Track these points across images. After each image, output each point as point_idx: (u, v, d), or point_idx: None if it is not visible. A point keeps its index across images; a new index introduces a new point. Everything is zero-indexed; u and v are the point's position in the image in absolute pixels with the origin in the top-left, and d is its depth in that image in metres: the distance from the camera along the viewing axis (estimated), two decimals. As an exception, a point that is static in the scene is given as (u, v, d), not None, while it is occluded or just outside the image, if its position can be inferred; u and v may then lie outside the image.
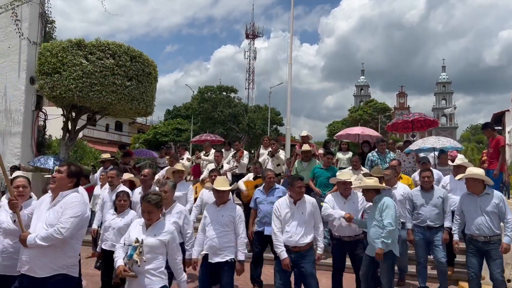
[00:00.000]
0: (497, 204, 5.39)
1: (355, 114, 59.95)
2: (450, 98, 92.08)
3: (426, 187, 6.26)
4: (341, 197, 5.72)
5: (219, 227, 4.91)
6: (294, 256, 4.96)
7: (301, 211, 5.04)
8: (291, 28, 17.13)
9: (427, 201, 6.19)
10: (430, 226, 6.14)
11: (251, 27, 76.39)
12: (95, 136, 39.20)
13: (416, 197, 6.33)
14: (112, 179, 6.62)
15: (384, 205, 5.22)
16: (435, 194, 6.21)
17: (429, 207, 6.16)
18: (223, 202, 5.06)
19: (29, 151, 11.40)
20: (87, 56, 10.95)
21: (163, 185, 5.20)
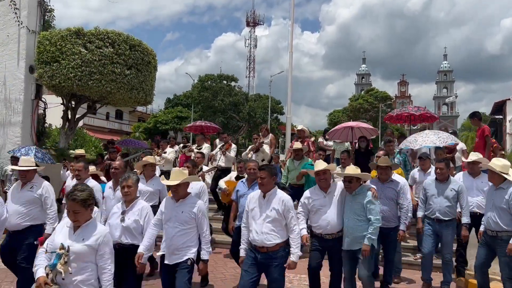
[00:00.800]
0: (507, 200, 5.06)
1: (356, 103, 59.80)
2: (452, 87, 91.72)
3: (439, 178, 5.99)
4: (320, 190, 5.10)
5: (179, 225, 4.35)
6: (261, 257, 4.38)
7: (270, 207, 4.43)
8: (292, 16, 17.02)
9: (439, 192, 5.93)
10: (439, 218, 5.87)
11: (251, 15, 76.11)
12: (96, 124, 39.20)
13: (428, 187, 6.09)
14: (79, 172, 5.98)
15: (367, 199, 4.85)
16: (449, 186, 5.90)
17: (440, 198, 5.89)
18: (180, 197, 4.47)
19: (29, 140, 11.41)
20: (86, 44, 10.93)
21: (126, 179, 4.61)
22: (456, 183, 5.99)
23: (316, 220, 5.02)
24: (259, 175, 4.51)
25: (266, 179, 4.45)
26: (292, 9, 17.00)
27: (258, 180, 4.50)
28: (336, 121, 58.10)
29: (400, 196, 5.80)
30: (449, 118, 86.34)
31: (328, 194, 5.05)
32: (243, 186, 6.13)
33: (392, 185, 5.89)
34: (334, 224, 4.94)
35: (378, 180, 5.93)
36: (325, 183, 5.05)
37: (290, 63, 16.51)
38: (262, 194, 4.53)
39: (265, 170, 4.49)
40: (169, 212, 4.44)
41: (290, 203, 4.44)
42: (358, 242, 4.82)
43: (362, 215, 4.84)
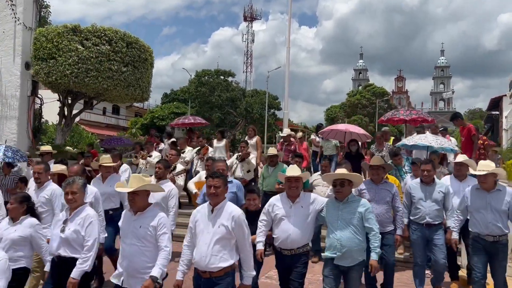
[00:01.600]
0: (508, 201, 4.85)
1: (353, 98, 59.84)
2: (449, 82, 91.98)
3: (426, 181, 5.59)
4: (287, 199, 4.49)
5: (137, 242, 3.73)
6: (203, 284, 3.72)
7: (218, 223, 3.73)
8: (289, 10, 17.01)
9: (427, 195, 5.53)
10: (429, 223, 5.47)
11: (249, 9, 75.79)
12: (92, 119, 39.10)
13: (414, 190, 5.65)
14: (39, 175, 5.35)
15: (365, 208, 4.33)
16: (436, 188, 5.53)
17: (428, 202, 5.50)
18: (138, 208, 3.83)
19: (25, 137, 11.40)
20: (82, 41, 10.91)
21: (70, 184, 4.04)
22: (442, 184, 5.66)
23: (276, 231, 4.47)
24: (213, 183, 3.76)
25: (221, 188, 3.79)
26: (289, 3, 16.98)
27: (211, 190, 3.75)
28: (333, 116, 58.21)
29: (395, 199, 5.44)
30: (446, 114, 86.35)
31: (295, 204, 4.45)
32: None
33: (387, 187, 5.53)
34: (295, 238, 4.34)
35: (371, 181, 5.56)
36: (295, 192, 4.46)
37: (288, 58, 16.51)
38: (210, 207, 3.83)
39: (220, 177, 3.82)
40: (125, 227, 3.86)
41: (242, 218, 3.77)
42: (351, 257, 4.25)
43: (359, 226, 4.28)
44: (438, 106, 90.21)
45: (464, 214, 5.19)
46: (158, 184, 5.35)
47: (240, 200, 5.53)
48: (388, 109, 61.91)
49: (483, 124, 44.09)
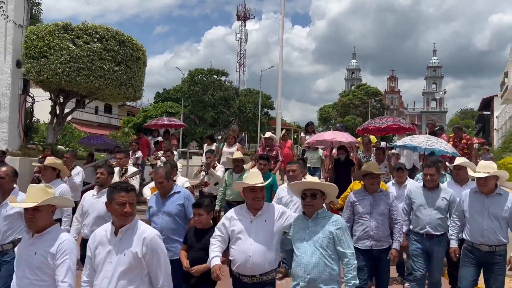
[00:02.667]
0: (509, 208, 4.41)
1: (346, 98, 60.05)
2: (441, 82, 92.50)
3: (429, 186, 5.05)
4: (247, 212, 3.70)
5: (29, 274, 2.91)
6: None
7: (123, 249, 2.92)
8: (282, 10, 16.98)
9: (428, 201, 4.98)
10: (430, 233, 4.91)
11: (242, 9, 75.81)
12: (84, 118, 38.89)
13: (415, 195, 5.11)
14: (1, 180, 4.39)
15: (337, 226, 3.46)
16: (440, 195, 4.99)
17: (430, 209, 4.95)
18: (38, 228, 2.98)
19: (16, 136, 11.29)
20: (74, 40, 10.81)
21: None
22: (447, 191, 5.09)
23: (233, 252, 3.63)
24: (122, 199, 2.89)
25: (134, 205, 2.97)
26: (283, 3, 16.96)
27: (127, 208, 2.90)
28: (326, 116, 58.35)
29: (393, 210, 4.78)
30: (438, 114, 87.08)
31: (257, 217, 3.66)
32: (156, 201, 4.71)
33: (383, 197, 4.82)
34: (257, 261, 3.51)
35: (365, 191, 4.86)
36: (258, 204, 3.67)
37: (281, 58, 16.48)
38: (113, 228, 2.97)
39: (133, 190, 3.04)
40: (20, 253, 3.03)
41: (156, 241, 2.95)
42: (318, 287, 3.38)
43: (329, 249, 3.42)
44: (430, 106, 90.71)
45: (461, 219, 4.71)
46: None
47: (189, 214, 4.63)
48: (381, 109, 62.28)
49: (474, 124, 44.42)
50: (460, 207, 4.72)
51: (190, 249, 4.12)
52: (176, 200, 4.64)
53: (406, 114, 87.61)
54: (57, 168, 5.57)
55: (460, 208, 4.72)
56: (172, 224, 4.55)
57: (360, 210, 4.73)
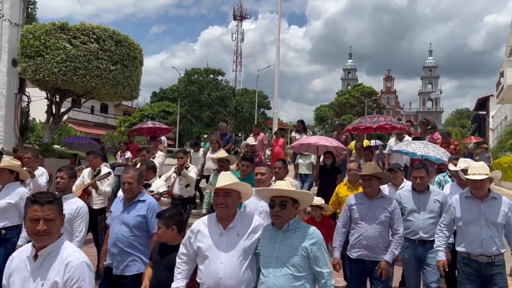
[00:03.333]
0: (506, 213, 4.01)
1: (342, 98, 60.14)
2: (437, 82, 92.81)
3: (419, 189, 4.73)
4: (217, 223, 3.07)
5: None
6: None
7: (40, 278, 2.38)
8: (279, 10, 17.00)
9: (420, 205, 4.67)
10: (422, 239, 4.58)
11: (238, 8, 75.77)
12: (80, 118, 38.75)
13: (405, 199, 4.76)
14: None
15: (312, 241, 2.86)
16: (431, 197, 4.68)
17: (422, 213, 4.63)
18: None
19: (12, 135, 11.25)
20: (71, 40, 10.79)
21: None
22: (438, 192, 4.84)
23: (200, 275, 3.01)
24: (35, 214, 2.32)
25: (55, 223, 2.37)
26: (279, 2, 16.97)
27: (40, 225, 2.31)
28: (323, 116, 58.42)
29: (394, 219, 4.22)
30: (434, 114, 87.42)
31: (228, 230, 3.03)
32: (117, 206, 4.14)
33: (383, 203, 4.28)
34: (230, 284, 2.89)
35: (364, 195, 4.38)
36: (221, 212, 3.05)
37: (277, 58, 16.50)
38: (33, 251, 2.38)
39: (53, 203, 2.38)
40: None
41: (83, 269, 2.34)
42: None
43: (301, 268, 2.84)
44: (426, 106, 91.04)
45: (450, 228, 4.27)
46: None
47: (151, 228, 3.96)
48: (377, 109, 62.39)
49: (470, 124, 44.60)
50: (450, 214, 4.21)
51: (155, 267, 3.52)
52: (137, 210, 3.98)
53: (402, 114, 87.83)
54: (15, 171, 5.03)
55: (451, 215, 4.20)
56: (130, 236, 3.90)
57: (356, 216, 4.29)
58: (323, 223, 5.63)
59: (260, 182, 4.45)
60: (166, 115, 42.68)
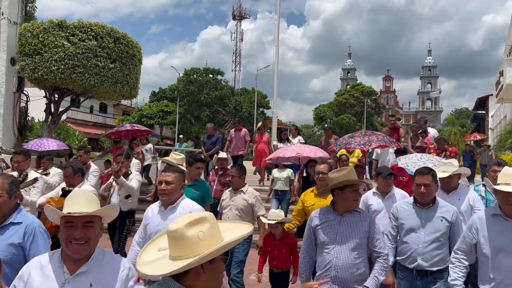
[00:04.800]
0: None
1: (341, 98, 60.06)
2: (436, 82, 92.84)
3: (423, 202, 3.60)
4: (60, 264, 2.14)
5: None
6: None
7: None
8: (278, 10, 16.97)
9: (422, 223, 3.54)
10: (422, 268, 3.46)
11: (238, 8, 75.69)
12: (79, 118, 38.64)
13: (404, 215, 3.66)
14: None
15: None
16: (437, 213, 3.53)
17: (424, 234, 3.51)
18: None
19: (10, 134, 11.21)
20: (69, 37, 10.75)
21: None
22: (448, 208, 3.59)
23: None
24: None
25: None
26: (278, 2, 16.95)
27: None
28: (322, 115, 58.35)
29: (375, 238, 3.25)
30: (433, 113, 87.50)
31: (76, 277, 2.14)
32: None
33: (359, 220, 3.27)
34: None
35: (333, 210, 3.33)
36: (84, 249, 2.09)
37: (277, 58, 16.48)
38: None
39: None
40: None
41: None
42: None
43: None
44: (425, 106, 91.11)
45: (470, 257, 3.20)
46: None
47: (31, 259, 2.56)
48: (376, 108, 62.39)
49: (469, 124, 44.60)
50: (471, 238, 3.14)
51: None
52: (9, 236, 2.66)
53: (401, 113, 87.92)
54: None
55: (472, 239, 3.14)
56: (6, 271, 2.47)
57: (322, 239, 3.23)
58: (285, 241, 4.54)
59: None
60: (165, 114, 42.62)
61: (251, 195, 4.92)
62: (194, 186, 5.13)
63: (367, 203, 4.83)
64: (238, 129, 10.75)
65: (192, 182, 5.20)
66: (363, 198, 4.84)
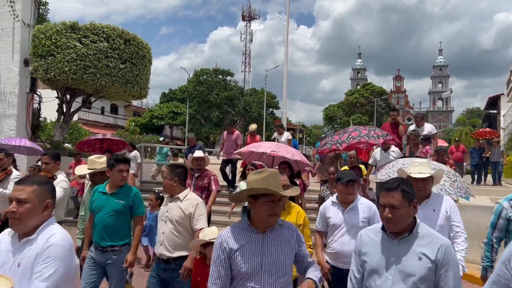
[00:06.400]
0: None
1: (352, 97, 59.94)
2: (447, 82, 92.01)
3: (391, 229, 2.54)
4: None
5: None
6: None
7: None
8: (287, 10, 17.06)
9: (390, 260, 2.51)
10: None
11: (247, 9, 75.74)
12: (91, 119, 39.10)
13: (367, 247, 2.66)
14: None
15: None
16: (414, 247, 2.41)
17: (392, 279, 2.47)
18: None
19: (24, 134, 11.43)
20: (81, 39, 10.98)
21: None
22: (432, 238, 2.44)
23: None
24: None
25: None
26: (287, 3, 17.04)
27: None
28: (332, 115, 58.27)
29: (301, 259, 2.56)
30: (444, 113, 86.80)
31: None
32: None
33: (284, 232, 2.51)
34: None
35: (250, 226, 2.44)
36: None
37: (286, 58, 16.58)
38: None
39: None
40: None
41: None
42: None
43: None
44: (436, 105, 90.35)
45: None
46: None
47: None
48: (387, 108, 62.09)
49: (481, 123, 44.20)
50: (508, 277, 2.03)
51: None
52: None
53: (412, 113, 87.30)
54: None
55: (510, 279, 2.02)
56: None
57: (241, 268, 2.37)
58: None
59: None
60: (175, 115, 43.00)
61: (190, 203, 3.70)
62: (119, 194, 4.03)
63: (325, 215, 3.92)
64: (230, 131, 10.09)
65: (116, 189, 4.06)
66: (321, 209, 4.03)
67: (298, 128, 45.64)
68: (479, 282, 6.48)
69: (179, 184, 3.82)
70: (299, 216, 3.70)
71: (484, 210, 7.65)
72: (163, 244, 3.68)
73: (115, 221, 3.92)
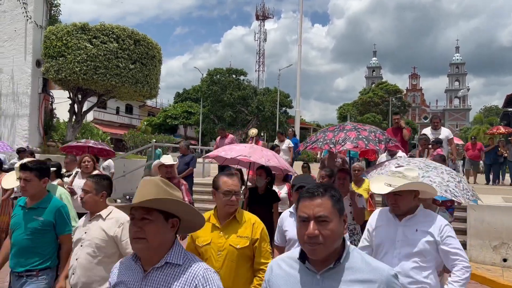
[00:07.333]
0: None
1: (366, 96, 59.42)
2: (464, 79, 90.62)
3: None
4: None
5: None
6: None
7: None
8: (301, 9, 17.00)
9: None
10: None
11: (261, 8, 75.78)
12: (106, 119, 39.57)
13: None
14: None
15: None
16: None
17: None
18: None
19: (36, 133, 11.61)
20: (91, 40, 11.08)
21: None
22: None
23: None
24: None
25: None
26: (301, 2, 16.97)
27: None
28: (346, 114, 57.86)
29: None
30: (461, 111, 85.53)
31: None
32: None
33: None
34: None
35: None
36: None
37: (299, 57, 16.54)
38: None
39: None
40: None
41: None
42: None
43: None
44: (453, 104, 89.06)
45: None
46: None
47: None
48: (402, 107, 61.39)
49: (499, 121, 43.40)
50: None
51: None
52: None
53: (428, 112, 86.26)
54: None
55: None
56: None
57: None
58: None
59: None
60: (189, 115, 43.23)
61: (115, 223, 3.00)
62: (38, 209, 3.27)
63: (281, 227, 3.41)
64: (223, 135, 9.78)
65: (37, 201, 3.31)
66: (278, 221, 3.52)
67: (312, 128, 45.45)
68: (489, 283, 6.37)
69: (105, 199, 3.01)
70: (255, 228, 2.80)
71: (495, 210, 7.49)
72: (76, 273, 2.92)
73: (32, 242, 3.18)
